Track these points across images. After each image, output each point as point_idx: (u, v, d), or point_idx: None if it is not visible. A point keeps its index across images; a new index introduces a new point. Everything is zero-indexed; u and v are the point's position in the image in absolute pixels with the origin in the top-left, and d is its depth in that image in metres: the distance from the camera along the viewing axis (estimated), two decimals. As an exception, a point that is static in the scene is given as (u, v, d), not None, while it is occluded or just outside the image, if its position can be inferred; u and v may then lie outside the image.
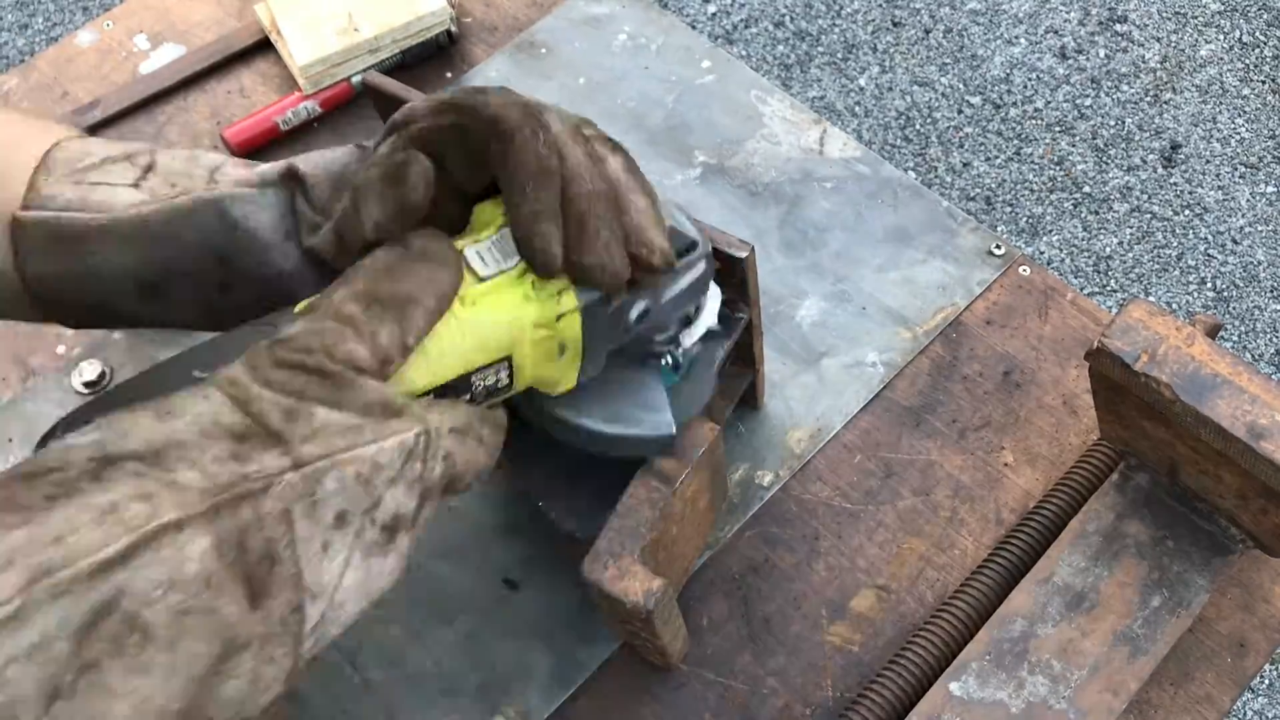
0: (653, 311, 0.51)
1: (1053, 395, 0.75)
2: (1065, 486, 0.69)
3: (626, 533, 0.58)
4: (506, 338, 0.47)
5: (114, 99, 0.93)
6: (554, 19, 0.95)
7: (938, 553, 0.71)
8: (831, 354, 0.78)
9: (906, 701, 0.63)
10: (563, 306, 0.47)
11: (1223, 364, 0.58)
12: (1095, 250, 1.86)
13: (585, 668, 0.68)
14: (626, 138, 0.88)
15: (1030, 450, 0.74)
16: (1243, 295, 1.81)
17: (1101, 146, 1.95)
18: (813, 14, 2.13)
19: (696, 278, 0.53)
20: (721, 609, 0.70)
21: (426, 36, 0.92)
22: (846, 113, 2.01)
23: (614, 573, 0.57)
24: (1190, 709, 0.65)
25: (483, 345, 0.46)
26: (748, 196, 0.85)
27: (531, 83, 0.92)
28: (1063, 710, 0.61)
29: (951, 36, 2.08)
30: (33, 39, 2.20)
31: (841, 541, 0.71)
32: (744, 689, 0.67)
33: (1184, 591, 0.64)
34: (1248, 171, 1.92)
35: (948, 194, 1.91)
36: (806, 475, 0.74)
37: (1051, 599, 0.64)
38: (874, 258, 0.82)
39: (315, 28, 0.90)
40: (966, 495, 0.72)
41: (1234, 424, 0.56)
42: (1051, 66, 2.04)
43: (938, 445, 0.74)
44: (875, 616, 0.69)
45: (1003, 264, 0.80)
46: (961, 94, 2.02)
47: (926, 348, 0.78)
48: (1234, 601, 0.68)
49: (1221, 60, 2.04)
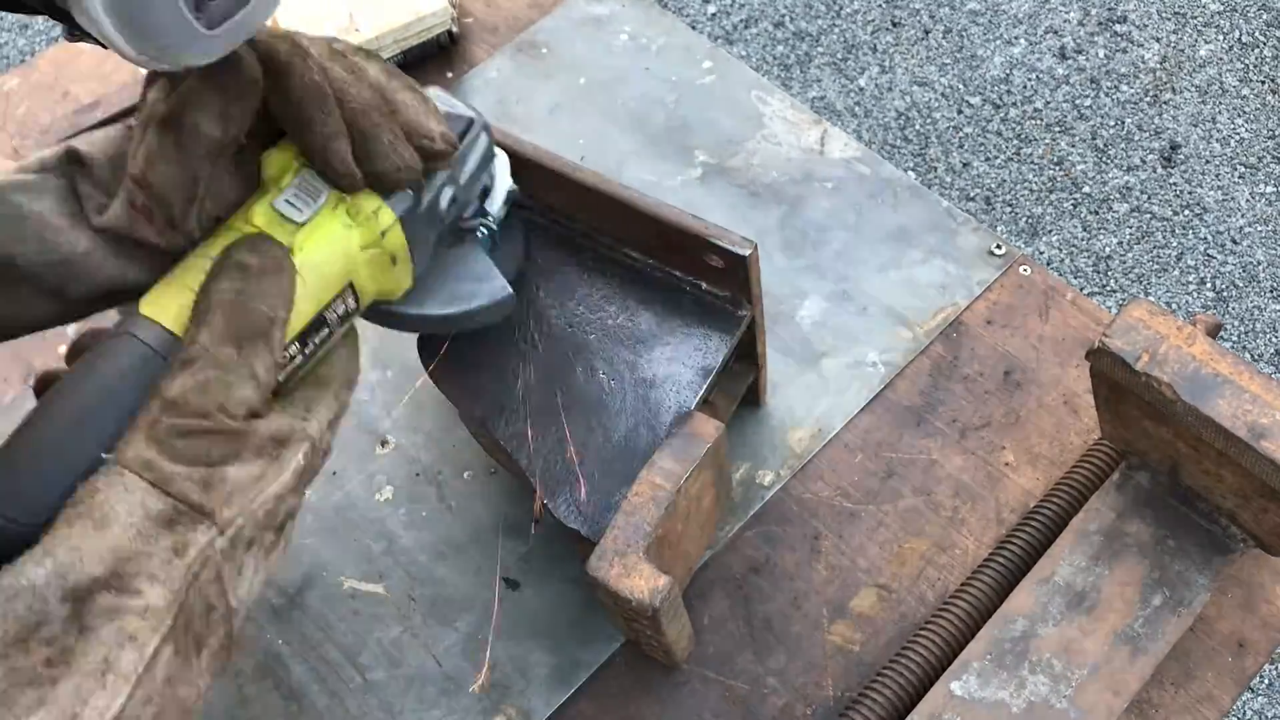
0: (458, 194, 0.55)
1: (1053, 395, 0.75)
2: (1066, 486, 0.69)
3: (632, 530, 0.58)
4: (342, 268, 0.49)
5: (114, 99, 0.93)
6: (554, 19, 0.96)
7: (938, 552, 0.71)
8: (832, 354, 0.78)
9: (907, 701, 0.63)
10: (382, 223, 0.50)
11: (1223, 364, 0.58)
12: (1095, 250, 1.86)
13: (585, 668, 0.68)
14: (627, 138, 0.88)
15: (1031, 450, 0.74)
16: (1242, 295, 1.81)
17: (1101, 146, 1.96)
18: (813, 14, 2.13)
19: (483, 150, 0.56)
20: (722, 608, 0.70)
21: (427, 36, 0.92)
22: (846, 113, 2.01)
23: (619, 570, 0.57)
24: (1191, 708, 0.65)
25: (325, 283, 0.49)
26: (748, 197, 0.85)
27: (531, 83, 0.92)
28: (1064, 710, 0.61)
29: (951, 37, 2.09)
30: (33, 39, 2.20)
31: (842, 541, 0.71)
32: (745, 688, 0.67)
33: (1185, 591, 0.64)
34: (1247, 171, 1.92)
35: (948, 194, 1.91)
36: (807, 475, 0.74)
37: (1052, 598, 0.64)
38: (874, 258, 0.82)
39: (315, 28, 0.90)
40: (967, 495, 0.72)
41: (1235, 423, 0.57)
42: (1051, 66, 2.04)
43: (938, 445, 0.74)
44: (876, 616, 0.69)
45: (1003, 264, 0.80)
46: (961, 94, 2.02)
47: (927, 348, 0.78)
48: (1235, 601, 0.68)
49: (1221, 60, 2.04)
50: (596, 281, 0.66)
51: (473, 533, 0.73)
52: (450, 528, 0.73)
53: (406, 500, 0.75)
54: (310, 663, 0.70)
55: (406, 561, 0.73)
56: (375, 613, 0.71)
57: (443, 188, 0.53)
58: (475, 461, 0.76)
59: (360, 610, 0.71)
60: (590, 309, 0.66)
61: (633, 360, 0.64)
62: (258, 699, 0.69)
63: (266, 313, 0.45)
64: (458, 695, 0.68)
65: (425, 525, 0.74)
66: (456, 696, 0.68)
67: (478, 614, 0.71)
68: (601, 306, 0.66)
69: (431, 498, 0.75)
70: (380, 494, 0.75)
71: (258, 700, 0.69)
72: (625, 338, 0.65)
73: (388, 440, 0.77)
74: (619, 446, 0.62)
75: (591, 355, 0.65)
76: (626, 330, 0.65)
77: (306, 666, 0.70)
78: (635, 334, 0.65)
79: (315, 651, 0.70)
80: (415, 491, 0.75)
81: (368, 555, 0.73)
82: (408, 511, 0.74)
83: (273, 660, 0.70)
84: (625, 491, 0.60)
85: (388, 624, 0.71)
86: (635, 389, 0.64)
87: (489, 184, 0.59)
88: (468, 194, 0.56)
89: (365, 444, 0.77)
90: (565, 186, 0.63)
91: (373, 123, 0.49)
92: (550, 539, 0.72)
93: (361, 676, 0.69)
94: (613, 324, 0.65)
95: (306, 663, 0.70)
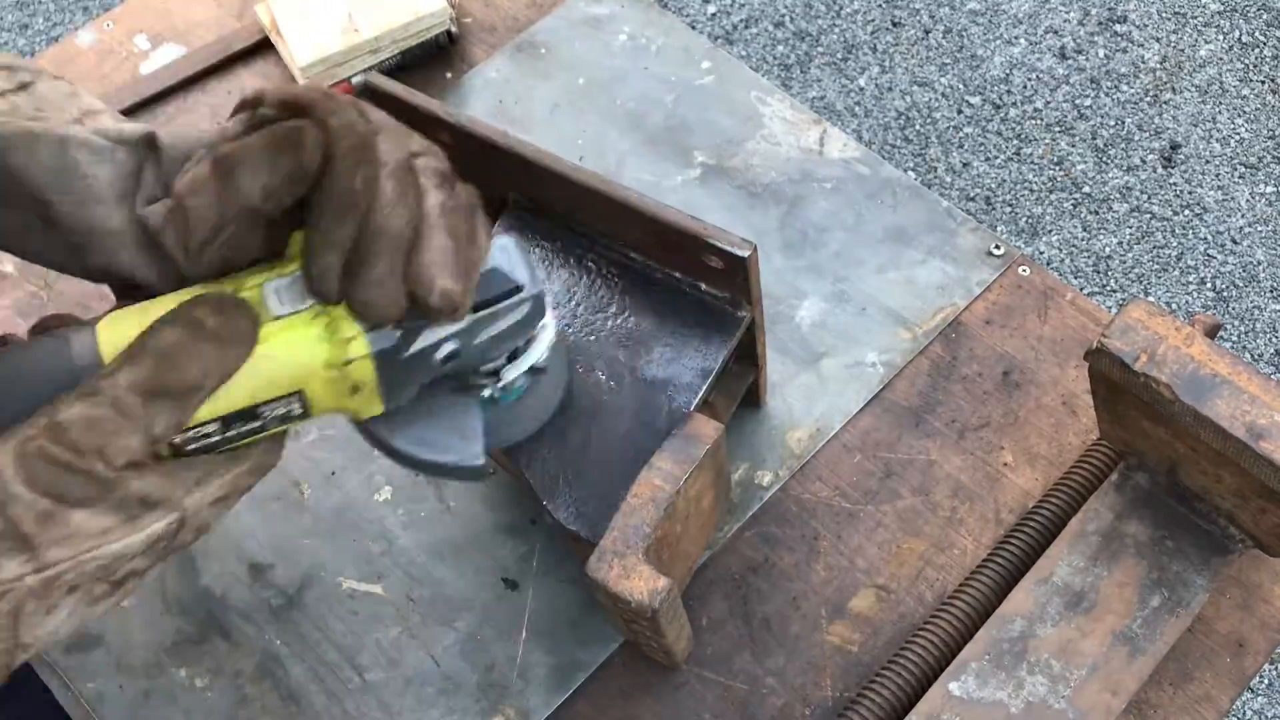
0: (463, 353, 0.51)
1: (1052, 395, 0.75)
2: (1064, 486, 0.69)
3: (631, 532, 0.58)
4: (296, 376, 0.47)
5: (114, 99, 0.93)
6: (554, 19, 0.96)
7: (937, 553, 0.71)
8: (831, 354, 0.78)
9: (906, 701, 0.63)
10: (351, 353, 0.47)
11: (1222, 364, 0.58)
12: (1095, 250, 1.86)
13: (585, 668, 0.68)
14: (626, 138, 0.88)
15: (1030, 450, 0.74)
16: (1242, 295, 1.81)
17: (1101, 146, 1.96)
18: (813, 14, 2.13)
19: (517, 321, 0.52)
20: (721, 609, 0.70)
21: (426, 37, 0.92)
22: (846, 113, 2.01)
23: (619, 572, 0.57)
24: (1189, 709, 0.65)
25: (271, 382, 0.46)
26: (747, 197, 0.85)
27: (531, 83, 0.92)
28: (1062, 710, 0.61)
29: (951, 37, 2.08)
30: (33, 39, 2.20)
31: (841, 541, 0.71)
32: (743, 689, 0.67)
33: (1183, 591, 0.64)
34: (1247, 171, 1.92)
35: (947, 194, 1.91)
36: (806, 475, 0.74)
37: (1051, 599, 0.64)
38: (874, 258, 0.82)
39: (315, 28, 0.90)
40: (966, 495, 0.72)
41: (1233, 424, 0.57)
42: (1051, 67, 2.04)
43: (937, 445, 0.74)
44: (874, 616, 0.69)
45: (1002, 264, 0.80)
46: (961, 94, 2.02)
47: (926, 348, 0.78)
48: (1233, 601, 0.68)
49: (1221, 60, 2.04)
50: (596, 282, 0.66)
51: (471, 533, 0.73)
52: (449, 528, 0.74)
53: (405, 500, 0.75)
54: (309, 663, 0.70)
55: (405, 562, 0.73)
56: (374, 613, 0.71)
57: (443, 342, 0.50)
58: (474, 462, 0.76)
59: (359, 611, 0.71)
60: (590, 310, 0.66)
61: (632, 361, 0.64)
62: (256, 699, 0.69)
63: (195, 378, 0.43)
64: (456, 695, 0.68)
65: (424, 525, 0.74)
66: (455, 697, 0.68)
67: (476, 614, 0.71)
68: (601, 307, 0.66)
69: (430, 498, 0.75)
70: (379, 494, 0.75)
71: (256, 700, 0.69)
72: (625, 338, 0.65)
73: (387, 440, 0.77)
74: (618, 448, 0.62)
75: (591, 356, 0.65)
76: (626, 331, 0.65)
77: (305, 667, 0.70)
78: (635, 335, 0.65)
79: (314, 652, 0.70)
80: (414, 492, 0.75)
81: (366, 556, 0.73)
82: (406, 512, 0.74)
83: (271, 661, 0.70)
84: (624, 493, 0.60)
85: (386, 624, 0.71)
86: (634, 390, 0.64)
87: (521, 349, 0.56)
88: (482, 354, 0.53)
89: (364, 444, 0.77)
90: (565, 187, 0.63)
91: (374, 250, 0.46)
92: (549, 539, 0.72)
93: (360, 677, 0.69)
94: (612, 325, 0.65)
95: (305, 663, 0.70)
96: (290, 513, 0.75)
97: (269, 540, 0.74)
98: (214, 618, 0.72)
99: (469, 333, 0.51)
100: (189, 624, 0.71)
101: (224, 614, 0.72)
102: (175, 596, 0.72)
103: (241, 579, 0.73)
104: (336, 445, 0.77)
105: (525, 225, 0.68)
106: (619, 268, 0.66)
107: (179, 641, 0.71)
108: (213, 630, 0.71)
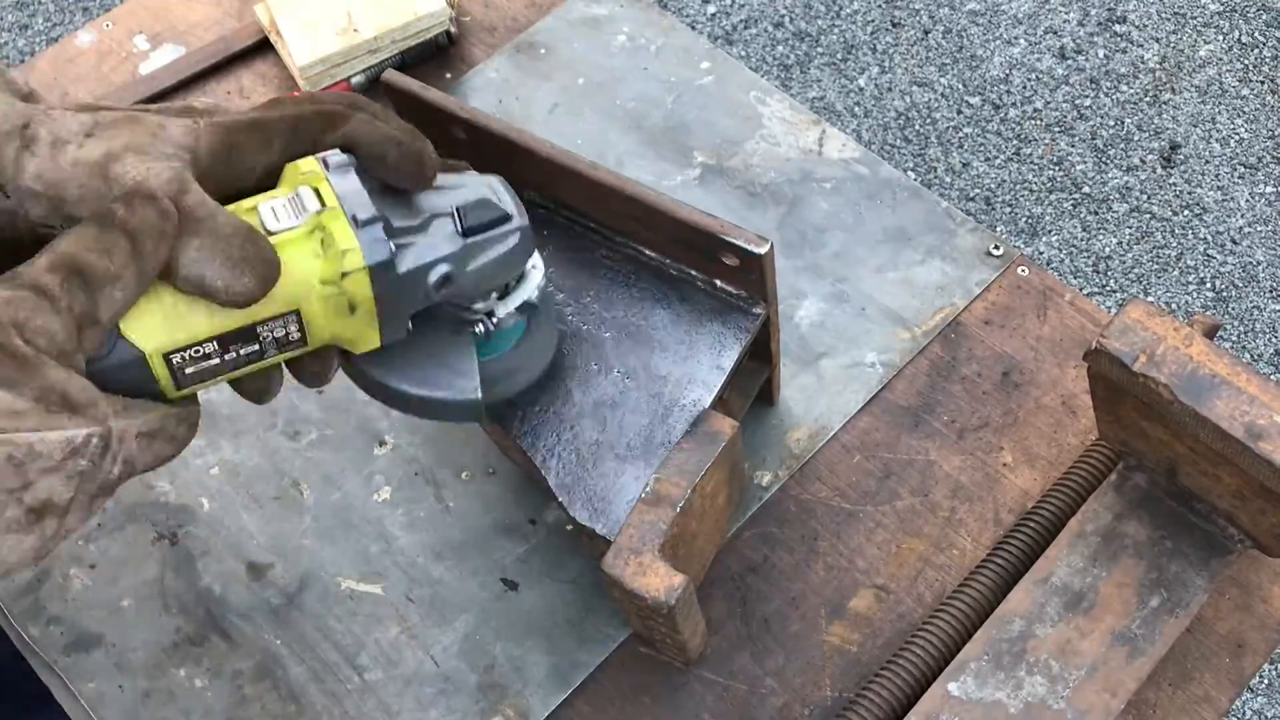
0: (456, 279, 0.52)
1: (1051, 396, 0.75)
2: (1064, 487, 0.69)
3: (647, 529, 0.58)
4: (292, 293, 0.48)
5: (114, 99, 0.93)
6: (553, 19, 0.96)
7: (936, 553, 0.71)
8: (830, 354, 0.78)
9: (905, 701, 0.63)
10: (347, 265, 0.48)
11: (1221, 364, 0.58)
12: (1094, 250, 1.86)
13: (584, 668, 0.68)
14: (625, 138, 0.88)
15: (1029, 450, 0.74)
16: (1242, 295, 1.81)
17: (1101, 147, 1.96)
18: (812, 14, 2.13)
19: (507, 251, 0.54)
20: (720, 609, 0.70)
21: (426, 37, 0.92)
22: (846, 113, 2.01)
23: (635, 569, 0.57)
24: (1189, 709, 0.65)
25: (269, 298, 0.47)
26: (747, 197, 0.85)
27: (531, 83, 0.92)
28: (1061, 710, 0.61)
29: (951, 37, 2.09)
30: (33, 39, 2.20)
31: (840, 542, 0.71)
32: (743, 689, 0.67)
33: (1182, 591, 0.64)
34: (1247, 172, 1.92)
35: (947, 194, 1.91)
36: (805, 475, 0.74)
37: (1050, 599, 0.64)
38: (873, 258, 0.82)
39: (315, 28, 0.90)
40: (965, 495, 0.72)
41: (1232, 424, 0.57)
42: (1051, 67, 2.04)
43: (936, 445, 0.74)
44: (874, 616, 0.69)
45: (1001, 264, 0.80)
46: (961, 94, 2.02)
47: (925, 348, 0.78)
48: (1232, 601, 0.68)
49: (1220, 61, 2.04)
50: (611, 280, 0.66)
51: (471, 533, 0.73)
52: (448, 528, 0.74)
53: (404, 500, 0.75)
54: (308, 663, 0.70)
55: (404, 562, 0.73)
56: (373, 613, 0.71)
57: (437, 263, 0.51)
58: (473, 462, 0.76)
59: (358, 611, 0.71)
60: (605, 307, 0.66)
61: (647, 358, 0.64)
62: (256, 699, 0.69)
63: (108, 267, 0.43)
64: (455, 696, 0.68)
65: (423, 526, 0.74)
66: (454, 697, 0.68)
67: (475, 614, 0.71)
68: (616, 304, 0.66)
69: (429, 498, 0.75)
70: (378, 494, 0.75)
71: (256, 701, 0.69)
72: (640, 335, 0.65)
73: (385, 440, 0.77)
74: (634, 444, 0.62)
75: (606, 353, 0.65)
76: (641, 328, 0.65)
77: (304, 667, 0.70)
78: (650, 332, 0.65)
79: (313, 652, 0.70)
80: (413, 492, 0.75)
81: (366, 556, 0.73)
82: (406, 512, 0.74)
83: (271, 661, 0.70)
84: (640, 490, 0.60)
85: (386, 624, 0.71)
86: (650, 387, 0.64)
87: (511, 286, 0.56)
88: (472, 286, 0.54)
89: (363, 444, 0.77)
90: (580, 184, 0.62)
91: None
92: (548, 540, 0.72)
93: (359, 677, 0.69)
94: (627, 322, 0.65)
95: (304, 663, 0.70)
96: (290, 513, 0.75)
97: (269, 540, 0.74)
98: (214, 617, 0.72)
99: (461, 258, 0.52)
100: (189, 624, 0.72)
101: (224, 614, 0.72)
102: (175, 596, 0.72)
103: (241, 579, 0.73)
104: (336, 445, 0.77)
105: (540, 222, 0.68)
106: (634, 265, 0.66)
107: (179, 641, 0.71)
108: (212, 630, 0.71)
